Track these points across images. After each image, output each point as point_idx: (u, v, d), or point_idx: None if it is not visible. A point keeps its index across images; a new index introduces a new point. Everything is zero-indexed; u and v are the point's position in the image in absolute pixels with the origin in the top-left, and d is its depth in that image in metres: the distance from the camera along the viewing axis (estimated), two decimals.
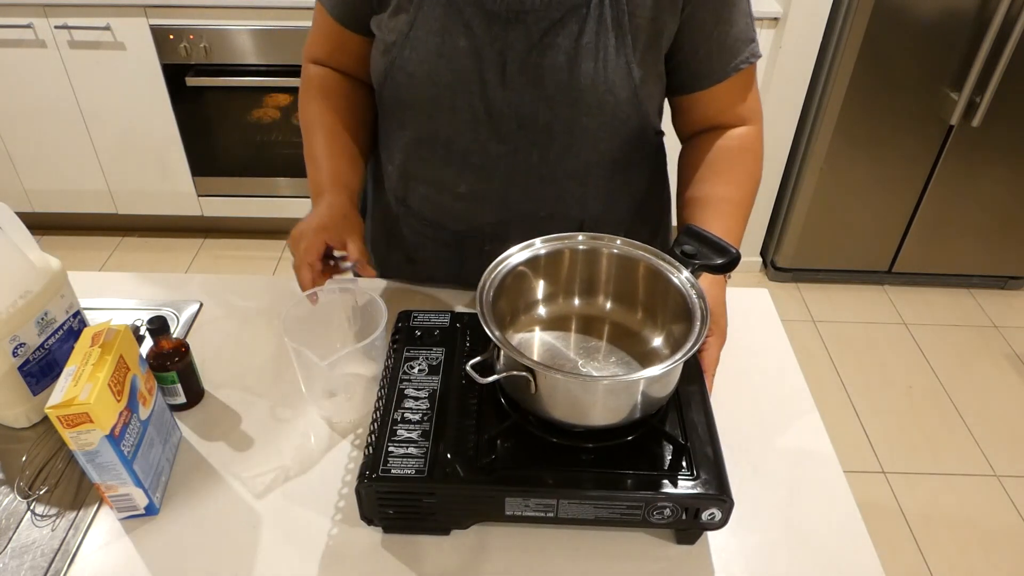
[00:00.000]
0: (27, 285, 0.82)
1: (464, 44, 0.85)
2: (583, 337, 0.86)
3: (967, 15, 2.07)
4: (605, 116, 0.88)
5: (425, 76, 0.87)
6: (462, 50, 0.85)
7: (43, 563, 0.73)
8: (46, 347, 0.85)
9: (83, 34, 2.27)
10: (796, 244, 2.57)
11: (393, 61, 0.88)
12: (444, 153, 0.93)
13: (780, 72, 2.29)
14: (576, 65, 0.84)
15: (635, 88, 0.87)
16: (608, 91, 0.86)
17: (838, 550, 0.76)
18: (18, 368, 0.82)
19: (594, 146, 0.91)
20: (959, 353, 2.39)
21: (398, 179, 1.01)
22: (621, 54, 0.85)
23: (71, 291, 0.90)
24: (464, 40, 0.85)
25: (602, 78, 0.85)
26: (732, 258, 0.81)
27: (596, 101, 0.86)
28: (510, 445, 0.75)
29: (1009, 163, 2.34)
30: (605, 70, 0.85)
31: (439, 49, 0.85)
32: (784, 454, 0.86)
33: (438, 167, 0.95)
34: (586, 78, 0.85)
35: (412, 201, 1.02)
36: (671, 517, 0.71)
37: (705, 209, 0.92)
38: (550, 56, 0.84)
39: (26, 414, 0.86)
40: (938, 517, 1.87)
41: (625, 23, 0.84)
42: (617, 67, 0.85)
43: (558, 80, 0.85)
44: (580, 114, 0.87)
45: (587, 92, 0.85)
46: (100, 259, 2.72)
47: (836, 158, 2.35)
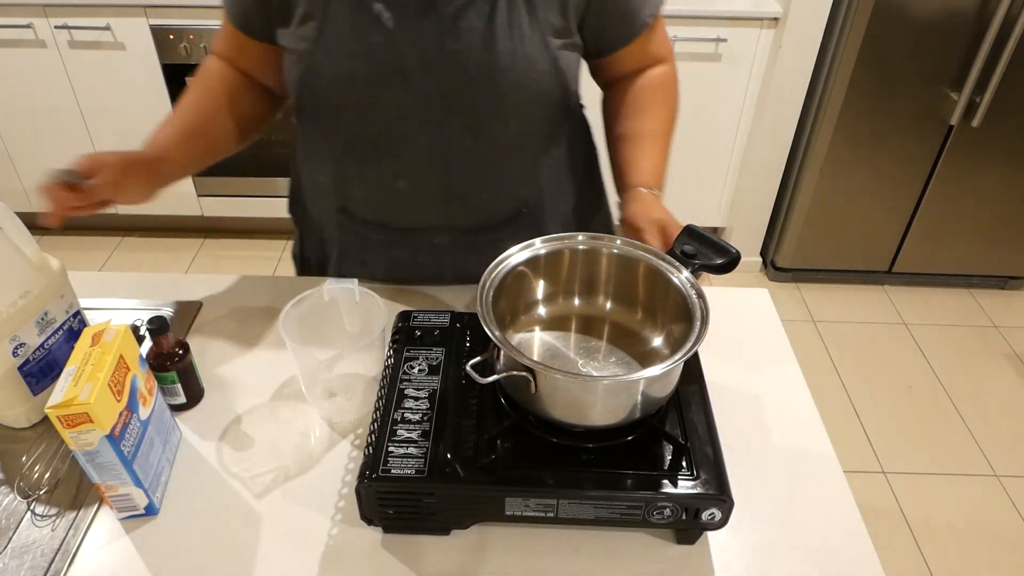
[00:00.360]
0: (27, 285, 0.82)
1: (378, 40, 0.85)
2: (583, 337, 0.86)
3: (967, 15, 2.07)
4: (528, 91, 0.89)
5: (343, 77, 0.87)
6: (377, 46, 0.85)
7: (43, 563, 0.73)
8: (46, 347, 0.85)
9: (83, 34, 2.27)
10: (796, 244, 2.57)
11: (308, 68, 0.88)
12: (377, 151, 0.93)
13: (780, 72, 2.29)
14: (492, 45, 0.85)
15: (554, 60, 0.89)
16: (528, 66, 0.87)
17: (838, 550, 0.76)
18: (18, 368, 0.82)
19: (522, 121, 0.93)
20: (959, 353, 2.39)
21: (334, 189, 1.01)
22: (535, 29, 0.86)
23: (71, 291, 0.89)
24: (377, 36, 0.85)
25: (520, 54, 0.86)
26: (732, 258, 0.81)
27: (517, 77, 0.87)
28: (510, 445, 0.75)
29: (1009, 163, 2.34)
30: (523, 46, 0.86)
31: (354, 49, 0.85)
32: (784, 454, 0.86)
33: (374, 167, 0.95)
34: (505, 56, 0.85)
35: (353, 208, 1.01)
36: (671, 517, 0.71)
37: (631, 143, 0.98)
38: (465, 39, 0.85)
39: (26, 414, 0.86)
40: (938, 517, 1.87)
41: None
42: (533, 42, 0.86)
43: (477, 62, 0.86)
44: (504, 92, 0.88)
45: (507, 70, 0.86)
46: (100, 259, 2.72)
47: (836, 158, 2.35)
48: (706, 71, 2.34)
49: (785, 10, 2.20)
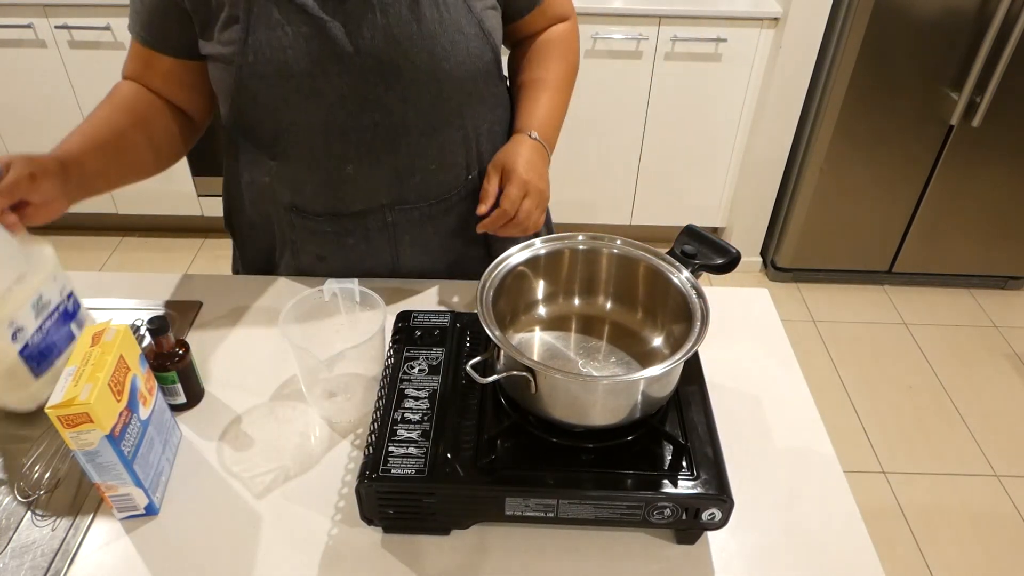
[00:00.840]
0: (20, 268, 0.82)
1: (307, 29, 0.86)
2: (583, 337, 0.86)
3: (967, 15, 2.07)
4: (460, 55, 0.92)
5: (277, 72, 0.88)
6: (307, 35, 0.86)
7: (43, 563, 0.73)
8: (43, 330, 0.85)
9: (83, 34, 2.27)
10: (796, 244, 2.57)
11: (240, 69, 0.88)
12: (322, 140, 0.94)
13: (780, 72, 2.30)
14: (420, 15, 0.88)
15: (479, 22, 0.93)
16: (456, 30, 0.91)
17: (838, 550, 0.76)
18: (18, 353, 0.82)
19: (458, 89, 0.94)
20: (959, 353, 2.39)
21: (281, 187, 1.01)
22: None
23: (63, 273, 0.89)
24: (305, 25, 0.86)
25: (448, 20, 0.90)
26: (732, 258, 0.82)
27: (449, 42, 0.90)
28: (510, 445, 0.75)
29: (1009, 163, 2.34)
30: (448, 12, 0.90)
31: (282, 42, 0.86)
32: (784, 454, 0.86)
33: (320, 156, 0.96)
34: (433, 23, 0.89)
35: (302, 203, 1.01)
36: (671, 517, 0.71)
37: (525, 91, 1.05)
38: (392, 12, 0.87)
39: (32, 397, 0.86)
40: (938, 517, 1.87)
41: None
42: (456, 6, 0.90)
43: (408, 33, 0.88)
44: (439, 59, 0.90)
45: (439, 36, 0.90)
46: (100, 259, 2.72)
47: (836, 158, 2.35)
48: (706, 71, 2.35)
49: (785, 10, 2.20)
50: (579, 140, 2.47)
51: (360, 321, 0.89)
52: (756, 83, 2.37)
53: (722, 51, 2.30)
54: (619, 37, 2.27)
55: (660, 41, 2.28)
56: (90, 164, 0.89)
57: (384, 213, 1.02)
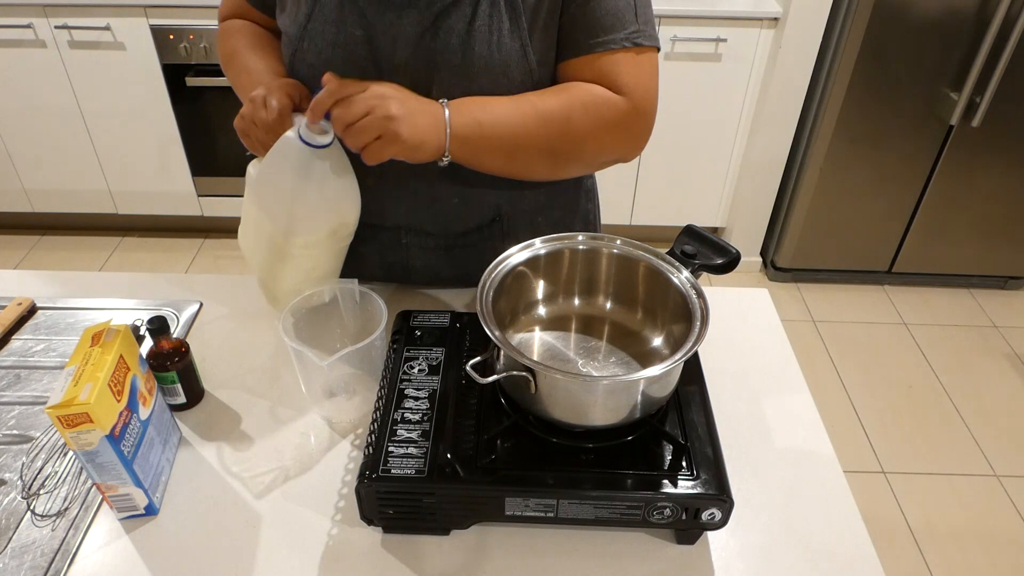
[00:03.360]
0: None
1: (359, 33, 0.86)
2: (583, 337, 0.86)
3: (967, 15, 2.07)
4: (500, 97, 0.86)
5: (323, 66, 0.87)
6: (356, 38, 0.86)
7: (43, 563, 0.73)
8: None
9: (83, 34, 2.27)
10: (796, 244, 2.57)
11: (294, 53, 0.90)
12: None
13: (780, 72, 2.29)
14: (469, 48, 0.84)
15: (530, 71, 0.87)
16: (503, 73, 0.86)
17: (838, 550, 0.76)
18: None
19: None
20: (959, 353, 2.39)
21: None
22: (515, 37, 0.85)
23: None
24: (358, 29, 0.86)
25: (496, 60, 0.85)
26: (732, 258, 0.82)
27: (491, 82, 0.86)
28: (510, 445, 0.75)
29: (1009, 163, 2.34)
30: (499, 52, 0.85)
31: (335, 39, 0.87)
32: (784, 454, 0.86)
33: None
34: (479, 60, 0.84)
35: None
36: (671, 517, 0.71)
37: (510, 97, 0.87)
38: (443, 40, 0.84)
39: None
40: (938, 517, 1.87)
41: (518, 5, 0.85)
42: (511, 50, 0.85)
43: (451, 63, 0.85)
44: (474, 96, 0.86)
45: (481, 74, 0.85)
46: (100, 259, 2.72)
47: (836, 158, 2.35)
48: (706, 71, 2.34)
49: (785, 10, 2.20)
50: None
51: (360, 321, 0.89)
52: (756, 83, 2.37)
53: (722, 51, 2.30)
54: None
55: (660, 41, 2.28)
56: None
57: (400, 234, 1.00)
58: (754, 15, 2.24)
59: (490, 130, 0.84)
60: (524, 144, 0.87)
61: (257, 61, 0.96)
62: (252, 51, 0.97)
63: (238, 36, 1.00)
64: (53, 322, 1.02)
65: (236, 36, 1.00)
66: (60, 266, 2.67)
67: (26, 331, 1.01)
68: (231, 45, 1.00)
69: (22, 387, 0.93)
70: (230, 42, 1.00)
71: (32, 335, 1.00)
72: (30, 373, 0.95)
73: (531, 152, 0.88)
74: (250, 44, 0.99)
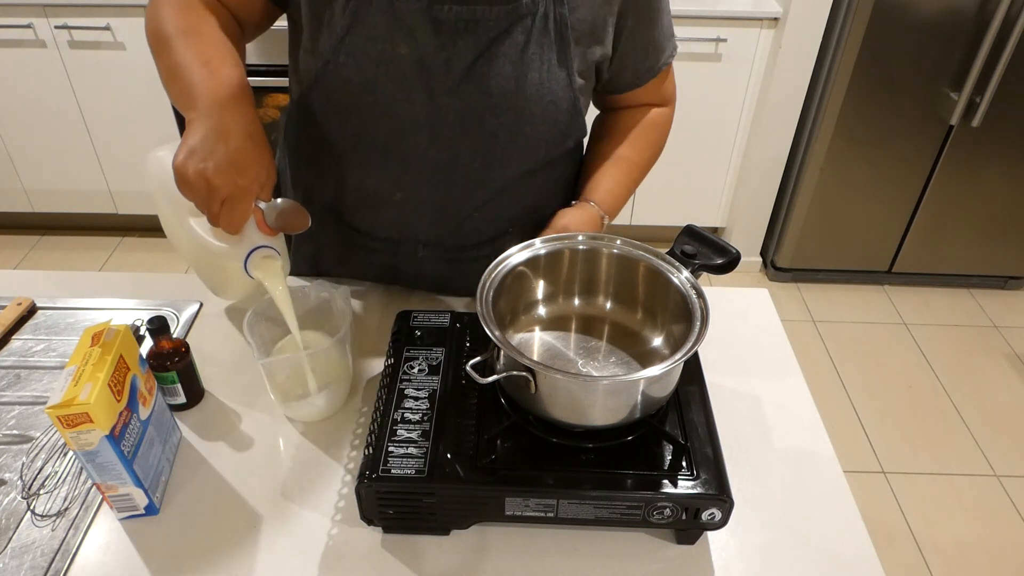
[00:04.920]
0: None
1: (405, 52, 0.83)
2: (583, 337, 0.86)
3: (967, 15, 2.07)
4: (547, 124, 0.89)
5: (362, 84, 0.84)
6: (403, 58, 0.83)
7: (43, 563, 0.73)
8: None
9: (83, 34, 2.27)
10: (796, 244, 2.57)
11: (327, 65, 0.85)
12: (381, 160, 0.91)
13: (780, 72, 2.29)
14: (523, 74, 0.85)
15: (574, 98, 0.89)
16: (551, 101, 0.87)
17: (838, 550, 0.76)
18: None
19: (534, 153, 0.92)
20: (959, 353, 2.39)
21: (327, 187, 0.99)
22: (563, 65, 0.87)
23: None
24: (405, 48, 0.83)
25: (547, 88, 0.86)
26: (732, 258, 0.82)
27: (540, 110, 0.87)
28: (510, 445, 0.75)
29: (1009, 163, 2.34)
30: (549, 80, 0.86)
31: (378, 57, 0.83)
32: (784, 454, 0.86)
33: (374, 174, 0.93)
34: (532, 87, 0.86)
35: (344, 212, 1.00)
36: (671, 517, 0.71)
37: (606, 163, 1.02)
38: (497, 65, 0.84)
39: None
40: (938, 517, 1.87)
41: (567, 34, 0.85)
42: (559, 78, 0.87)
43: (505, 89, 0.85)
44: (524, 123, 0.88)
45: (532, 101, 0.86)
46: (100, 259, 2.72)
47: (836, 158, 2.35)
48: (706, 71, 2.34)
49: (785, 10, 2.20)
50: None
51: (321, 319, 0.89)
52: (756, 83, 2.37)
53: (722, 51, 2.30)
54: None
55: None
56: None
57: (416, 248, 1.00)
58: (754, 15, 2.24)
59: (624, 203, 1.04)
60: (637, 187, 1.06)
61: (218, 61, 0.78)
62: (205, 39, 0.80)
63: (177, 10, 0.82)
64: (53, 322, 1.02)
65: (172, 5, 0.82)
66: (60, 266, 2.67)
67: (26, 331, 1.01)
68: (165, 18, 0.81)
69: (22, 387, 0.93)
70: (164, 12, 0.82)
71: (32, 335, 1.00)
72: (30, 373, 0.95)
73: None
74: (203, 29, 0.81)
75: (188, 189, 0.71)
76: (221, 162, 0.70)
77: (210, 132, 0.71)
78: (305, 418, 0.88)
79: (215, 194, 0.70)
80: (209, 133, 0.71)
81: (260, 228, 0.78)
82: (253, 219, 0.77)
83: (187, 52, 0.78)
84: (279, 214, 0.77)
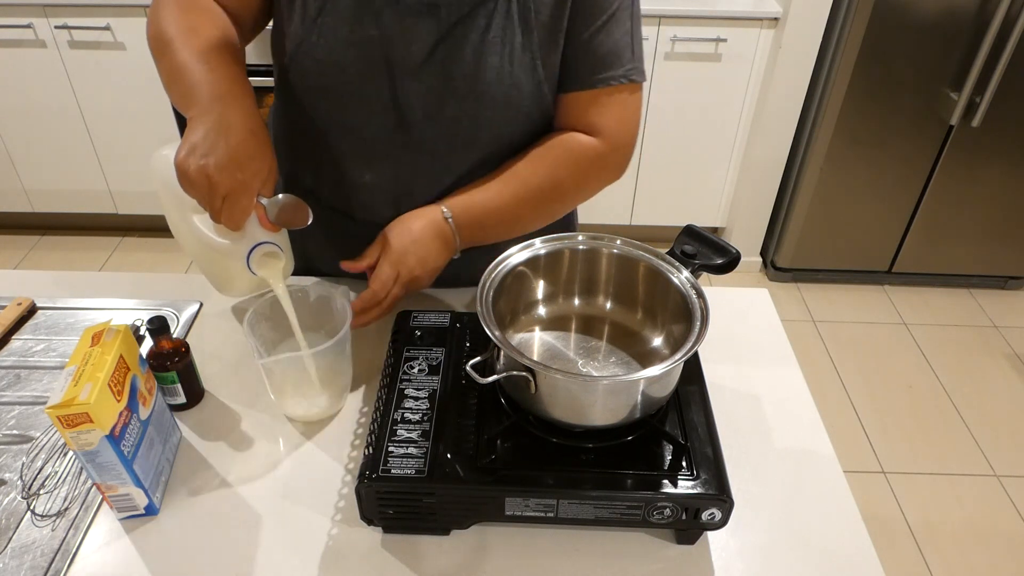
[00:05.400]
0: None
1: (374, 33, 0.85)
2: (583, 337, 0.86)
3: (967, 15, 2.07)
4: (510, 111, 0.89)
5: (334, 64, 0.86)
6: (372, 39, 0.85)
7: (43, 563, 0.73)
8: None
9: (83, 34, 2.27)
10: (796, 244, 2.57)
11: (300, 45, 0.86)
12: (352, 141, 0.93)
13: (780, 72, 2.29)
14: (482, 59, 0.85)
15: (539, 83, 0.89)
16: (513, 86, 0.87)
17: (838, 550, 0.76)
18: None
19: (497, 139, 0.92)
20: (959, 353, 2.39)
21: (307, 171, 1.00)
22: (527, 50, 0.86)
23: None
24: (374, 29, 0.84)
25: (507, 72, 0.86)
26: (732, 258, 0.82)
27: (502, 95, 0.87)
28: (510, 445, 0.75)
29: (1009, 163, 2.34)
30: (511, 65, 0.86)
31: (349, 38, 0.85)
32: (784, 454, 0.86)
33: (345, 156, 0.95)
34: (491, 72, 0.86)
35: (323, 193, 1.01)
36: (671, 517, 0.71)
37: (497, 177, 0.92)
38: (457, 49, 0.85)
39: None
40: (938, 517, 1.87)
41: (531, 19, 0.85)
42: (522, 62, 0.86)
43: (464, 73, 0.86)
44: (485, 107, 0.88)
45: (492, 86, 0.86)
46: (100, 259, 2.72)
47: (836, 158, 2.35)
48: (706, 71, 2.35)
49: (785, 10, 2.20)
50: None
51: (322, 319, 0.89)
52: (756, 83, 2.37)
53: (722, 51, 2.30)
54: None
55: (660, 41, 2.28)
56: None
57: None
58: (754, 15, 2.24)
59: (493, 229, 0.93)
60: (523, 218, 0.95)
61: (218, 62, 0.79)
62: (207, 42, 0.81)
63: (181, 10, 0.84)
64: (53, 322, 1.02)
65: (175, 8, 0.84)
66: (60, 266, 2.67)
67: (26, 331, 1.01)
68: (167, 21, 0.83)
69: (22, 387, 0.93)
70: (166, 15, 0.83)
71: (32, 335, 1.00)
72: (30, 373, 0.95)
73: (528, 222, 0.96)
74: (206, 32, 0.82)
75: (190, 185, 0.72)
76: (222, 158, 0.71)
77: (211, 128, 0.72)
78: (305, 418, 0.88)
79: (216, 190, 0.71)
80: (210, 129, 0.72)
81: (262, 224, 0.78)
82: (255, 215, 0.77)
83: (187, 52, 0.79)
84: (281, 209, 0.78)
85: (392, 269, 0.89)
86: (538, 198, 0.93)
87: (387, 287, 0.89)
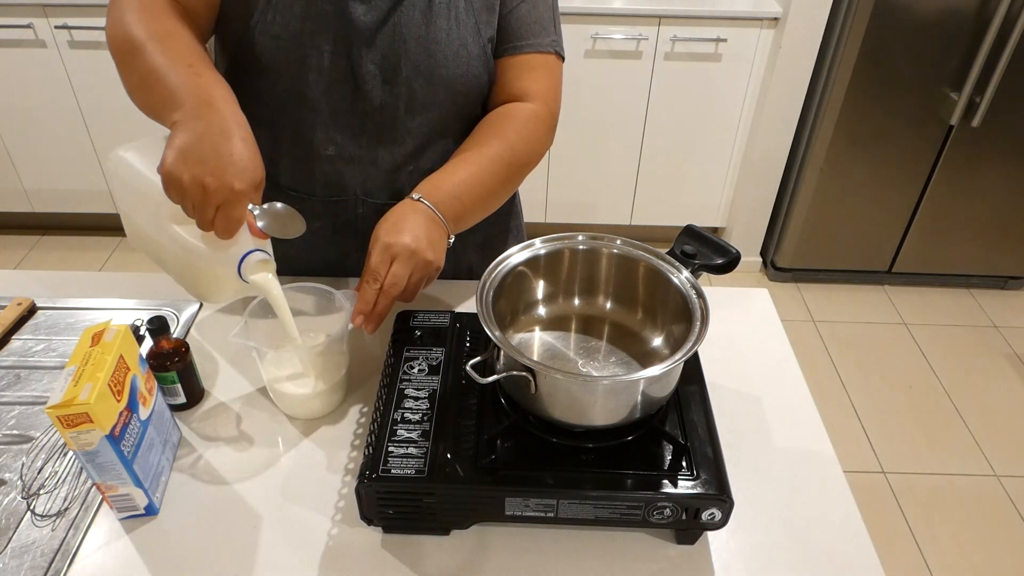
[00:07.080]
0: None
1: (329, 7, 0.88)
2: (583, 337, 0.86)
3: (967, 15, 2.07)
4: (460, 68, 0.94)
5: (290, 38, 0.88)
6: (328, 13, 0.88)
7: (43, 563, 0.73)
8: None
9: (83, 34, 2.27)
10: (796, 244, 2.57)
11: (255, 25, 0.88)
12: (312, 116, 0.95)
13: (780, 72, 2.30)
14: (431, 21, 0.91)
15: (483, 46, 0.95)
16: (462, 45, 0.93)
17: (838, 550, 0.76)
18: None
19: (453, 98, 0.96)
20: (959, 353, 2.39)
21: (261, 152, 0.96)
22: (470, 14, 0.93)
23: None
24: (330, 4, 0.88)
25: (456, 33, 0.92)
26: (732, 258, 0.82)
27: (452, 53, 0.93)
28: (510, 445, 0.75)
29: (1009, 163, 2.34)
30: (457, 27, 0.92)
31: (305, 12, 0.88)
32: (784, 454, 0.86)
33: (306, 131, 0.96)
34: (440, 32, 0.92)
35: (281, 176, 1.01)
36: (671, 517, 0.71)
37: (452, 161, 0.95)
38: (407, 14, 0.90)
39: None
40: (938, 517, 1.87)
41: None
42: (467, 24, 0.93)
43: (416, 35, 0.91)
44: (438, 65, 0.92)
45: (443, 45, 0.92)
46: (100, 259, 2.72)
47: (836, 158, 2.35)
48: (706, 71, 2.35)
49: (785, 10, 2.20)
50: (579, 140, 2.47)
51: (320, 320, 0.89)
52: (756, 83, 2.37)
53: (722, 51, 2.31)
54: (619, 37, 2.27)
55: (660, 41, 2.28)
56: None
57: (355, 204, 1.02)
58: (754, 15, 2.24)
59: (469, 200, 0.93)
60: (493, 188, 0.96)
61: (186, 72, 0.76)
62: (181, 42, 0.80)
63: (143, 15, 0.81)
64: (53, 322, 1.02)
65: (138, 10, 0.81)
66: (60, 266, 2.67)
67: (26, 331, 1.01)
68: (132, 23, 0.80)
69: (22, 387, 0.93)
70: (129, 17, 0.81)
71: (32, 335, 1.00)
72: (30, 373, 0.95)
73: (498, 192, 0.98)
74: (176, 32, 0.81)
75: (180, 195, 0.70)
76: (216, 166, 0.69)
77: (202, 135, 0.70)
78: (305, 416, 0.88)
79: (210, 199, 0.69)
80: (202, 135, 0.70)
81: (252, 232, 0.76)
82: (245, 223, 0.76)
83: (165, 56, 0.77)
84: (274, 218, 0.76)
85: (381, 254, 0.84)
86: (499, 166, 0.96)
87: (384, 265, 0.83)
